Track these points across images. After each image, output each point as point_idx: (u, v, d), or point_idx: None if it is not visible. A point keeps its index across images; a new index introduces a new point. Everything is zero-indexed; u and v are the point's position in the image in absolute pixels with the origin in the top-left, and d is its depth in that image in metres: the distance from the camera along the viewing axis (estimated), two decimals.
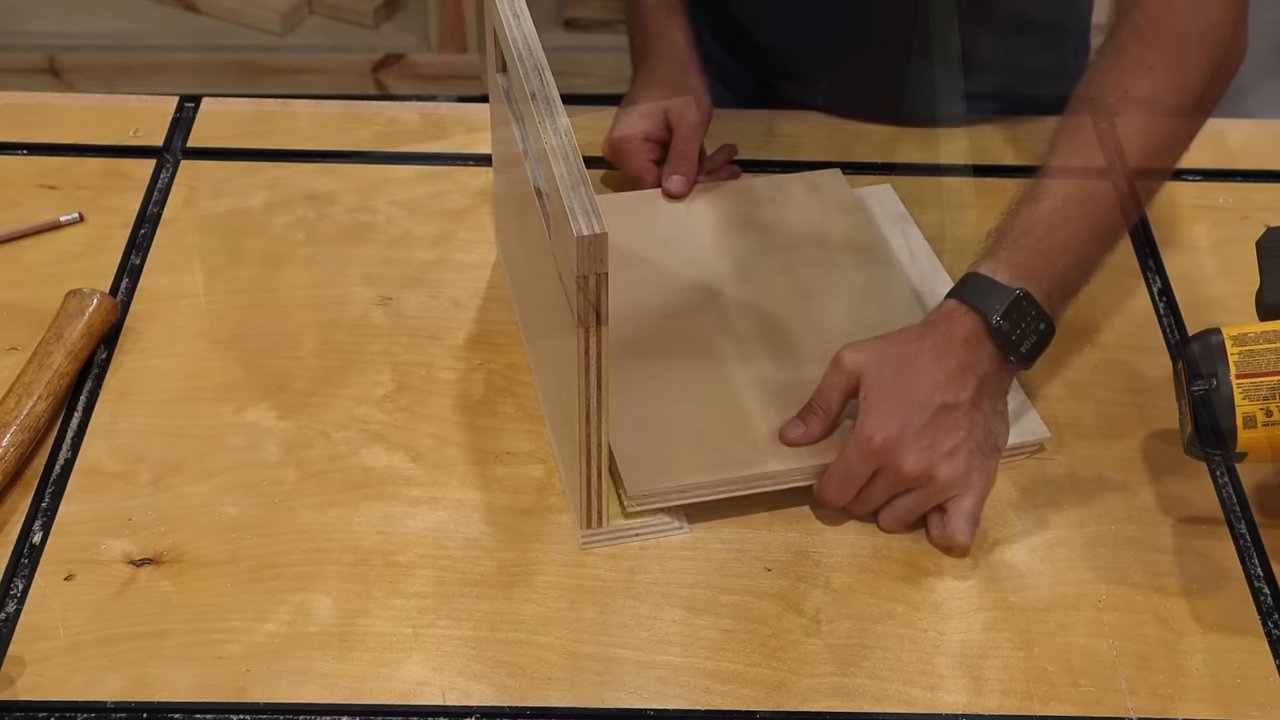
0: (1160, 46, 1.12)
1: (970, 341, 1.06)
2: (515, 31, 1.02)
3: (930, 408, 1.04)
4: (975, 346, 1.06)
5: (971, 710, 0.97)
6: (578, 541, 1.05)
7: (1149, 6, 1.12)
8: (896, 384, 1.04)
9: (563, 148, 0.93)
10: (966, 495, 1.05)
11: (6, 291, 1.21)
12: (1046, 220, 1.09)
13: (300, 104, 1.42)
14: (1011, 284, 1.06)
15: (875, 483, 1.04)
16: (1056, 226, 1.08)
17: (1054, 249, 1.08)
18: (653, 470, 1.05)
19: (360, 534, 1.06)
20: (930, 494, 1.04)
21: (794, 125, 1.40)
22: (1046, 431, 1.11)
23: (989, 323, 1.05)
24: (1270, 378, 0.95)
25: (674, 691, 0.98)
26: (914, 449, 1.03)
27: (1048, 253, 1.08)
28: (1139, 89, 1.11)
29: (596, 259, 0.89)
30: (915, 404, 1.04)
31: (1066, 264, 1.09)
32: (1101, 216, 1.10)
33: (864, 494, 1.05)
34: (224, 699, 0.96)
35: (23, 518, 1.06)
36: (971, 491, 1.05)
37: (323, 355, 1.18)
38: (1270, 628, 1.02)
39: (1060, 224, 1.09)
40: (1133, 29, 1.13)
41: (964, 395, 1.05)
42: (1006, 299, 1.05)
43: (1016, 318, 1.06)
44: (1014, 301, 1.05)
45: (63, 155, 1.34)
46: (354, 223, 1.29)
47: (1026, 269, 1.07)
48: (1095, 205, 1.10)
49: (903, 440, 1.03)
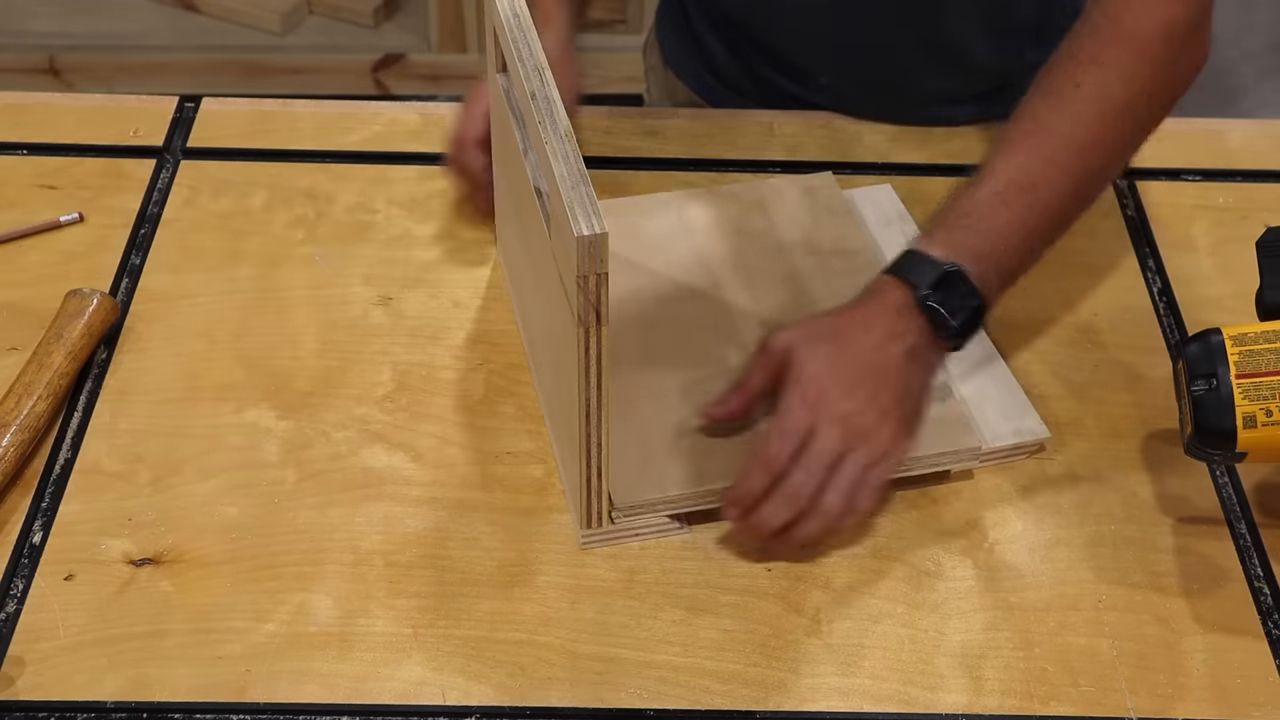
0: (1114, 43, 1.11)
1: (900, 312, 1.05)
2: (515, 31, 1.02)
3: (862, 366, 1.03)
4: (905, 316, 1.04)
5: (971, 710, 0.97)
6: (577, 541, 1.05)
7: (1107, 4, 1.12)
8: (828, 347, 1.04)
9: (562, 147, 0.93)
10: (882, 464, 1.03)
11: (6, 291, 1.21)
12: (987, 203, 1.08)
13: (300, 104, 1.42)
14: (944, 260, 1.05)
15: (815, 441, 1.01)
16: (997, 210, 1.07)
17: (992, 231, 1.07)
18: (640, 480, 1.05)
19: (360, 534, 1.06)
20: (862, 455, 1.02)
21: (794, 125, 1.40)
22: (1046, 431, 1.11)
23: (918, 295, 1.04)
24: (1270, 378, 0.95)
25: (674, 691, 0.98)
26: (854, 398, 1.02)
27: (985, 234, 1.07)
28: (1090, 84, 1.10)
29: (597, 259, 0.89)
30: (846, 361, 1.03)
31: (1005, 247, 1.07)
32: (1045, 206, 1.09)
33: (804, 458, 1.01)
34: (224, 699, 0.96)
35: (23, 518, 1.06)
36: (891, 463, 1.04)
37: (323, 355, 1.18)
38: (1270, 628, 1.02)
39: (1001, 208, 1.07)
40: (1090, 24, 1.12)
41: (893, 360, 1.03)
42: (937, 273, 1.04)
43: (948, 292, 1.04)
44: (945, 275, 1.04)
45: (63, 155, 1.34)
46: (354, 223, 1.29)
47: (961, 247, 1.06)
48: (1039, 194, 1.08)
49: (839, 389, 1.02)
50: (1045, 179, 1.08)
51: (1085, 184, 1.11)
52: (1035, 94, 1.12)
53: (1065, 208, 1.11)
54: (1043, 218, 1.09)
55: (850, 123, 1.40)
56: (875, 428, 1.02)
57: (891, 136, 1.39)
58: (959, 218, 1.08)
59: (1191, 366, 0.98)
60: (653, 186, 1.33)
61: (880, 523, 1.07)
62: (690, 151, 1.37)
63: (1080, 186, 1.11)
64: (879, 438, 1.02)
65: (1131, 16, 1.11)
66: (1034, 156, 1.09)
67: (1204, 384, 0.97)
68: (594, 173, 1.30)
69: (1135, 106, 1.11)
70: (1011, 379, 1.14)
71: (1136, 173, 1.36)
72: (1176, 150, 1.39)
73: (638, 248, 1.23)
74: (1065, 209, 1.11)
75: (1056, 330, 1.21)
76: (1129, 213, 1.32)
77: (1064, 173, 1.09)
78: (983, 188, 1.08)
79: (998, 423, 1.11)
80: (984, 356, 1.16)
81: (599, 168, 1.33)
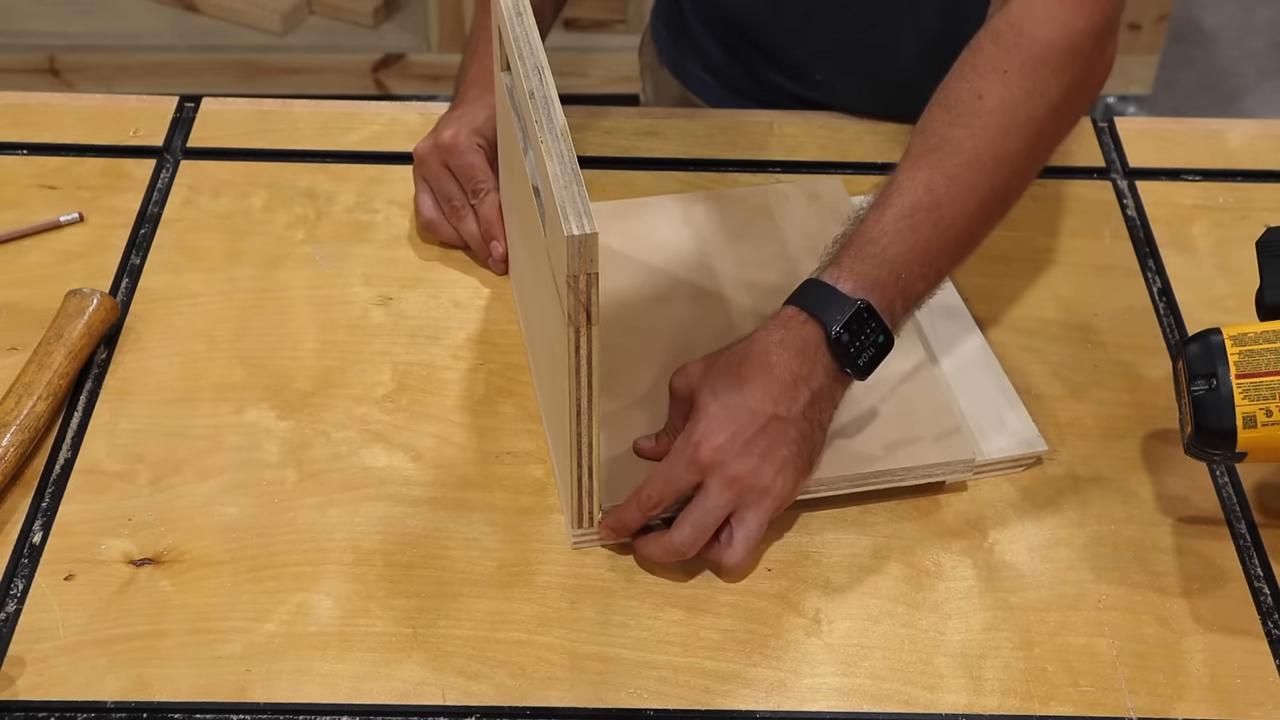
0: (1017, 51, 1.07)
1: (807, 352, 1.02)
2: (518, 30, 1.02)
3: (762, 417, 1.00)
4: (812, 358, 1.02)
5: (971, 710, 0.97)
6: (569, 541, 1.05)
7: (1010, 10, 1.08)
8: (727, 394, 1.01)
9: (558, 146, 0.93)
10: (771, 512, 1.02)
11: (6, 291, 1.21)
12: (893, 228, 1.05)
13: (300, 104, 1.42)
14: (853, 294, 1.03)
15: (705, 498, 1.00)
16: (903, 235, 1.04)
17: (899, 259, 1.04)
18: (632, 482, 1.04)
19: (360, 534, 1.06)
20: (758, 510, 1.01)
21: (794, 125, 1.40)
22: (1044, 444, 1.11)
23: (829, 333, 1.02)
24: (1270, 378, 0.95)
25: (674, 691, 0.98)
26: (749, 456, 1.00)
27: (893, 263, 1.04)
28: (993, 95, 1.07)
29: (587, 258, 0.89)
30: (746, 412, 1.00)
31: (911, 275, 1.05)
32: (950, 226, 1.06)
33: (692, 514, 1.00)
34: (224, 699, 0.96)
35: (23, 518, 1.06)
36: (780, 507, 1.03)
37: (323, 355, 1.18)
38: (1270, 628, 1.02)
39: (908, 233, 1.04)
40: (992, 32, 1.09)
41: (796, 408, 1.01)
42: (848, 310, 1.02)
43: (856, 329, 1.02)
44: (855, 313, 1.02)
45: (63, 155, 1.34)
46: (354, 223, 1.29)
47: (869, 279, 1.03)
48: (944, 214, 1.05)
49: (732, 449, 1.00)
50: (950, 198, 1.06)
51: (990, 201, 1.08)
52: (937, 105, 1.09)
53: (971, 227, 1.08)
54: (948, 238, 1.06)
55: (850, 122, 1.41)
56: (770, 483, 1.01)
57: (891, 136, 1.39)
58: (865, 244, 1.05)
59: (1191, 366, 0.98)
60: (653, 186, 1.33)
61: (880, 523, 1.07)
62: (690, 151, 1.37)
63: (985, 204, 1.07)
64: (774, 490, 1.01)
65: (1036, 25, 1.07)
66: (937, 174, 1.06)
67: (1204, 384, 0.97)
68: (594, 173, 1.32)
69: (1040, 119, 1.08)
70: (1010, 390, 1.14)
71: (1136, 173, 1.36)
72: (1176, 150, 1.39)
73: (641, 249, 1.23)
74: (971, 228, 1.08)
75: (1056, 330, 1.21)
76: (1129, 213, 1.32)
77: (969, 190, 1.06)
78: (888, 211, 1.05)
79: (994, 435, 1.11)
80: (982, 366, 1.16)
81: (599, 168, 1.33)
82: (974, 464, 1.08)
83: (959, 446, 1.08)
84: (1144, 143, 1.39)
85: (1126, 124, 1.42)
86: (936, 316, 1.19)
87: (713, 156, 1.37)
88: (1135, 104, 2.86)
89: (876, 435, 1.09)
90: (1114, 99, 2.84)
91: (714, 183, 1.34)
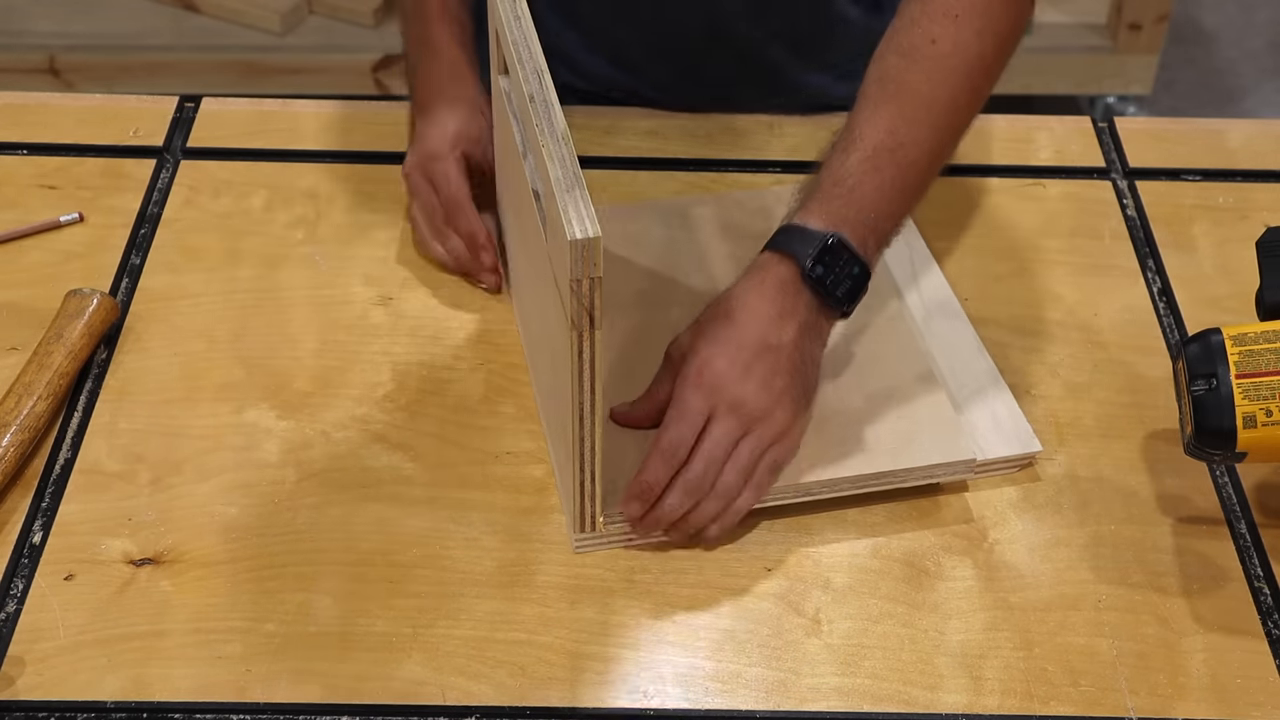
0: None
1: (785, 289, 1.05)
2: (516, 33, 1.02)
3: (754, 346, 1.03)
4: (792, 293, 1.05)
5: (971, 710, 0.97)
6: (571, 546, 1.05)
7: None
8: (718, 331, 1.04)
9: (558, 150, 0.93)
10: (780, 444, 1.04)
11: (6, 291, 1.21)
12: (858, 169, 1.08)
13: (300, 104, 1.42)
14: (824, 229, 1.05)
15: (711, 430, 1.02)
16: (868, 175, 1.08)
17: (867, 198, 1.07)
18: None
19: (360, 534, 1.06)
20: (764, 436, 1.03)
21: (795, 125, 1.40)
22: (1038, 445, 1.10)
23: (803, 268, 1.04)
24: (1270, 378, 0.95)
25: (674, 691, 0.98)
26: (749, 381, 1.02)
27: (860, 202, 1.07)
28: (946, 39, 1.11)
29: (590, 262, 0.89)
30: (738, 342, 1.03)
31: (880, 214, 1.08)
32: (912, 166, 1.10)
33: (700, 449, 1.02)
34: (224, 699, 0.96)
35: (23, 518, 1.06)
36: (789, 442, 1.05)
37: (323, 355, 1.18)
38: (1270, 628, 1.02)
39: (872, 173, 1.08)
40: None
41: (786, 337, 1.04)
42: (819, 244, 1.05)
43: (830, 262, 1.05)
44: (826, 246, 1.05)
45: (63, 155, 1.34)
46: (354, 223, 1.29)
47: (839, 216, 1.06)
48: (907, 155, 1.09)
49: (733, 372, 1.02)
50: (912, 140, 1.09)
51: (947, 140, 1.13)
52: (891, 51, 1.13)
53: (930, 165, 1.12)
54: (910, 177, 1.10)
55: None
56: (771, 409, 1.03)
57: None
58: (832, 186, 1.08)
59: (1191, 366, 0.98)
60: (653, 186, 1.33)
61: (880, 523, 1.08)
62: (690, 151, 1.37)
63: (943, 143, 1.13)
64: (775, 418, 1.03)
65: None
66: (898, 118, 1.10)
67: (1204, 384, 0.97)
68: (594, 173, 1.32)
69: (987, 58, 1.13)
70: (1006, 391, 1.14)
71: (1136, 173, 1.36)
72: (1176, 150, 1.39)
73: (641, 253, 1.23)
74: (931, 166, 1.12)
75: (1056, 330, 1.21)
76: (1129, 212, 1.32)
77: (928, 131, 1.11)
78: (852, 154, 1.09)
79: (989, 435, 1.11)
80: (977, 366, 1.16)
81: (599, 168, 1.33)
82: (974, 465, 1.08)
83: (959, 447, 1.08)
84: (1144, 143, 1.39)
85: (1126, 124, 1.42)
86: (932, 316, 1.19)
87: (713, 157, 1.37)
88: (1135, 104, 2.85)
89: (877, 436, 1.09)
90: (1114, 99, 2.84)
91: (714, 183, 1.34)
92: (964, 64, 1.12)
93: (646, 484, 1.02)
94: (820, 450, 1.07)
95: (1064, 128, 1.41)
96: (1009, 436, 1.11)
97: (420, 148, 1.23)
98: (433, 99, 1.26)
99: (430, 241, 1.23)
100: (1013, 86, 2.69)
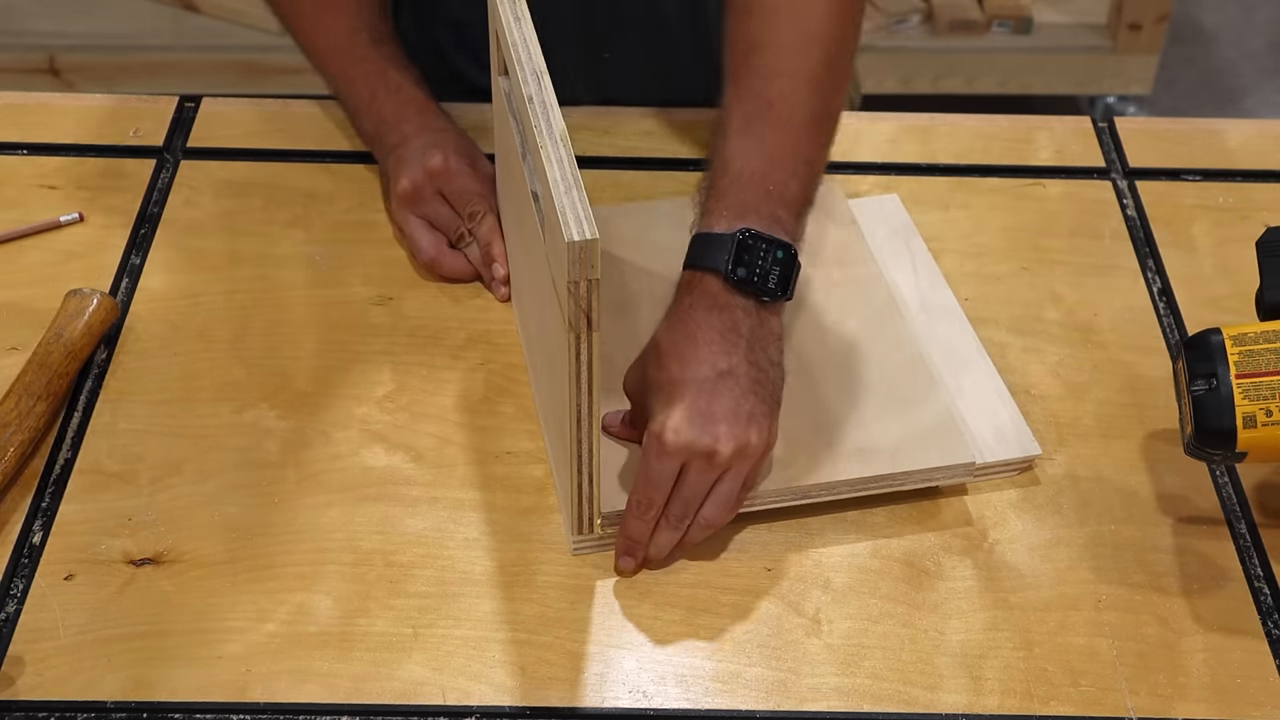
0: None
1: (717, 302, 1.00)
2: (516, 35, 1.01)
3: (707, 382, 0.98)
4: (724, 305, 1.00)
5: (971, 710, 0.97)
6: (569, 548, 1.05)
7: None
8: (665, 376, 1.00)
9: (557, 152, 0.93)
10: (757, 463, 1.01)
11: (6, 291, 1.21)
12: (737, 149, 1.03)
13: (300, 104, 1.42)
14: (730, 230, 1.01)
15: (687, 476, 0.99)
16: (749, 149, 1.02)
17: (757, 173, 1.02)
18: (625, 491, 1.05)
19: (360, 534, 1.06)
20: (743, 469, 0.99)
21: None
22: (1038, 448, 1.10)
23: (726, 275, 1.00)
24: (1270, 378, 0.95)
25: (674, 691, 0.98)
26: (715, 425, 0.97)
27: (751, 180, 1.02)
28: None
29: (587, 264, 0.88)
30: (690, 385, 0.98)
31: (778, 181, 1.02)
32: (790, 119, 1.04)
33: (679, 494, 0.99)
34: (224, 699, 0.96)
35: (23, 518, 1.06)
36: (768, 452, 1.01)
37: (323, 355, 1.18)
38: (1270, 628, 1.02)
39: (753, 144, 1.02)
40: None
41: (737, 357, 0.99)
42: (731, 245, 1.00)
43: (749, 259, 1.00)
44: (738, 245, 1.00)
45: (63, 155, 1.34)
46: (354, 223, 1.29)
47: (737, 207, 1.01)
48: (780, 113, 1.03)
49: (693, 425, 0.97)
50: (778, 93, 1.03)
51: (822, 78, 1.05)
52: (735, 12, 1.07)
53: (812, 110, 1.05)
54: (797, 130, 1.04)
55: (849, 121, 1.40)
56: (744, 441, 0.98)
57: (892, 135, 1.39)
58: (719, 178, 1.03)
59: (1191, 366, 0.98)
60: (653, 186, 1.33)
61: (880, 523, 1.08)
62: (690, 151, 1.37)
63: (817, 83, 1.05)
64: (750, 447, 0.99)
65: None
66: (756, 77, 1.04)
67: (1204, 384, 0.97)
68: (594, 173, 1.32)
69: None
70: (1006, 393, 1.14)
71: (1136, 173, 1.36)
72: (1176, 150, 1.39)
73: (641, 253, 1.23)
74: (814, 112, 1.05)
75: (1056, 330, 1.21)
76: (1129, 212, 1.32)
77: (792, 80, 1.04)
78: (727, 138, 1.03)
79: (988, 438, 1.11)
80: (977, 368, 1.16)
81: (599, 168, 1.33)
82: (974, 468, 1.08)
83: (959, 451, 1.08)
84: (1144, 143, 1.39)
85: (1126, 124, 1.42)
86: (932, 317, 1.19)
87: None
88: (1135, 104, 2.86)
89: (877, 439, 1.08)
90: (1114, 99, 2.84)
91: None
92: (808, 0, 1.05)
93: (632, 541, 1.02)
94: (819, 453, 1.07)
95: (1064, 128, 1.41)
96: (1009, 440, 1.11)
97: (427, 163, 1.21)
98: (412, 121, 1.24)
99: (445, 257, 1.22)
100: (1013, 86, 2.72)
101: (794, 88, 1.04)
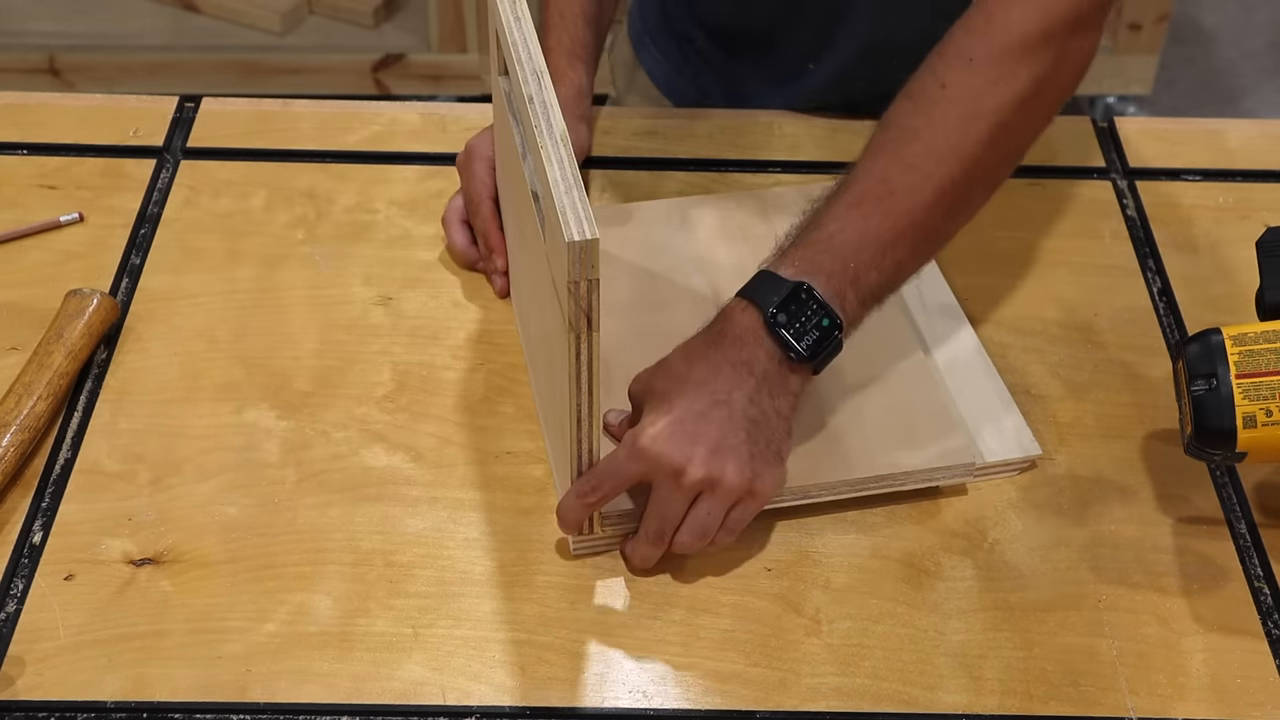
0: (985, 38, 1.02)
1: (745, 338, 1.00)
2: (516, 34, 1.02)
3: (700, 403, 0.98)
4: (751, 343, 0.99)
5: (971, 710, 0.97)
6: (569, 549, 1.05)
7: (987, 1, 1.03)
8: (667, 387, 1.00)
9: (557, 152, 0.93)
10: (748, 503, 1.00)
11: (6, 291, 1.21)
12: (842, 216, 1.01)
13: (300, 104, 1.42)
14: (794, 278, 1.00)
15: (658, 492, 0.99)
16: (852, 222, 1.01)
17: (847, 246, 1.01)
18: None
19: (360, 534, 1.06)
20: (718, 502, 0.99)
21: (794, 125, 1.40)
22: (1038, 449, 1.10)
23: (765, 315, 0.99)
24: (1270, 378, 0.95)
25: (674, 691, 0.98)
26: (688, 447, 0.97)
27: (839, 250, 1.01)
28: (956, 84, 1.02)
29: (588, 264, 0.88)
30: (683, 401, 0.98)
31: (862, 263, 1.01)
32: (904, 215, 1.02)
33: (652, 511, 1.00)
34: (224, 699, 0.96)
35: (23, 518, 1.06)
36: (755, 500, 1.00)
37: (323, 355, 1.18)
38: (1270, 628, 1.02)
39: (857, 220, 1.01)
40: (964, 20, 1.04)
41: (740, 394, 0.99)
42: (785, 291, 0.99)
43: (795, 311, 0.99)
44: (791, 293, 0.99)
45: (63, 155, 1.34)
46: (354, 223, 1.29)
47: (812, 264, 1.00)
48: (898, 203, 1.01)
49: (672, 439, 0.97)
50: (905, 186, 1.02)
51: (950, 191, 1.03)
52: (902, 96, 1.05)
53: (929, 217, 1.03)
54: (903, 227, 1.02)
55: (850, 122, 1.40)
56: (716, 473, 0.97)
57: None
58: (811, 231, 1.02)
59: (1191, 366, 0.98)
60: (653, 186, 1.33)
61: (880, 523, 1.08)
62: (690, 151, 1.37)
63: (944, 193, 1.03)
64: (720, 481, 0.98)
65: (1009, 11, 1.02)
66: (893, 163, 1.02)
67: (1204, 384, 0.97)
68: (594, 173, 1.32)
69: (1004, 109, 1.03)
70: (1005, 392, 1.14)
71: (1136, 173, 1.36)
72: (1176, 150, 1.39)
73: (641, 253, 1.23)
74: (929, 219, 1.03)
75: (1056, 330, 1.21)
76: (1129, 212, 1.32)
77: (925, 179, 1.02)
78: (839, 201, 1.03)
79: (989, 438, 1.11)
80: (977, 368, 1.16)
81: (599, 168, 1.33)
82: (974, 468, 1.08)
83: (960, 451, 1.08)
84: (1144, 143, 1.39)
85: (1126, 124, 1.42)
86: (932, 317, 1.19)
87: (713, 157, 1.37)
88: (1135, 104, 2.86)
89: (877, 439, 1.08)
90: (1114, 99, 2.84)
91: (714, 183, 1.34)
92: (974, 111, 1.02)
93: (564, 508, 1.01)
94: (820, 453, 1.07)
95: (1064, 128, 1.41)
96: (1009, 440, 1.11)
97: (470, 142, 1.24)
98: None
99: (448, 228, 1.24)
100: None
101: (922, 187, 1.02)
